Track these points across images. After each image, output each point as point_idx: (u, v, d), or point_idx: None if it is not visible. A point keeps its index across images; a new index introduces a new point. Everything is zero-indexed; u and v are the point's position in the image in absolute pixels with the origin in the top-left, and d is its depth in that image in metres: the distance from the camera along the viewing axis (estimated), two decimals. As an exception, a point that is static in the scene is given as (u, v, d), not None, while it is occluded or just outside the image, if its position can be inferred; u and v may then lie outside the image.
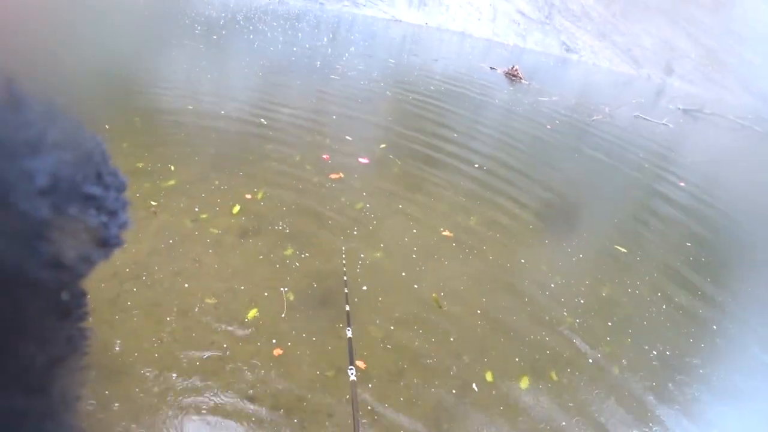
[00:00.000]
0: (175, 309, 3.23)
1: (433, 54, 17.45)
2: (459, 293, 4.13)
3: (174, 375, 2.78)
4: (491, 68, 15.88)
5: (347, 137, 6.88)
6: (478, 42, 21.80)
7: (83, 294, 1.38)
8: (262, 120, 6.83)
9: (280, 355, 3.10)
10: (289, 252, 4.13)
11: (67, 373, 1.34)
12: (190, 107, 6.79)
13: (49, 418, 1.28)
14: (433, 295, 4.00)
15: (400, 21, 22.08)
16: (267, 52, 11.79)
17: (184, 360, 2.89)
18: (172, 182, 4.81)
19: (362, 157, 6.29)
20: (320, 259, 4.12)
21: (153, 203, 4.40)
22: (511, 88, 14.10)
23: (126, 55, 8.54)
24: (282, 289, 3.68)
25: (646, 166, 9.14)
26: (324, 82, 9.86)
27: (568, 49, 22.96)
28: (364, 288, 3.90)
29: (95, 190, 1.24)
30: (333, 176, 5.60)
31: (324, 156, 6.05)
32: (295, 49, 12.88)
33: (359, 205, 5.10)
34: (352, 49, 14.74)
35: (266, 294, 3.60)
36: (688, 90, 22.81)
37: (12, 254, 1.01)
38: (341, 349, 3.21)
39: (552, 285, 4.51)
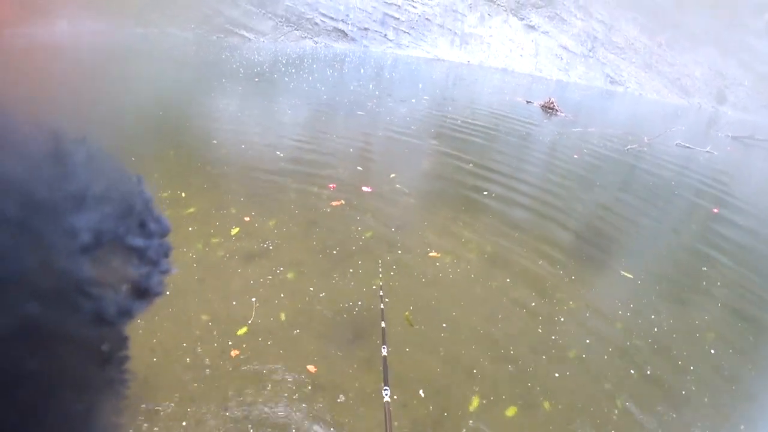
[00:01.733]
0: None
1: (476, 91, 17.87)
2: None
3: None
4: (527, 102, 16.08)
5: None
6: (520, 78, 22.04)
7: (124, 339, 1.32)
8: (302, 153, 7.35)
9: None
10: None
11: (105, 417, 1.26)
12: (243, 146, 7.44)
13: None
14: (405, 313, 4.24)
15: (443, 60, 22.66)
16: (305, 92, 12.52)
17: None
18: (191, 210, 5.34)
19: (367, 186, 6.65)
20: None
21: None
22: (546, 120, 14.23)
23: (178, 98, 9.38)
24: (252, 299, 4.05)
25: (676, 193, 9.06)
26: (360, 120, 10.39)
27: (612, 82, 22.83)
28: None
29: (138, 242, 1.20)
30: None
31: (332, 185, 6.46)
32: (328, 89, 13.56)
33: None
34: (381, 90, 15.28)
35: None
36: (742, 118, 22.14)
37: (52, 314, 0.96)
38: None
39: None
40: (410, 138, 9.61)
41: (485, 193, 7.09)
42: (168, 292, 3.97)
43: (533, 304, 4.59)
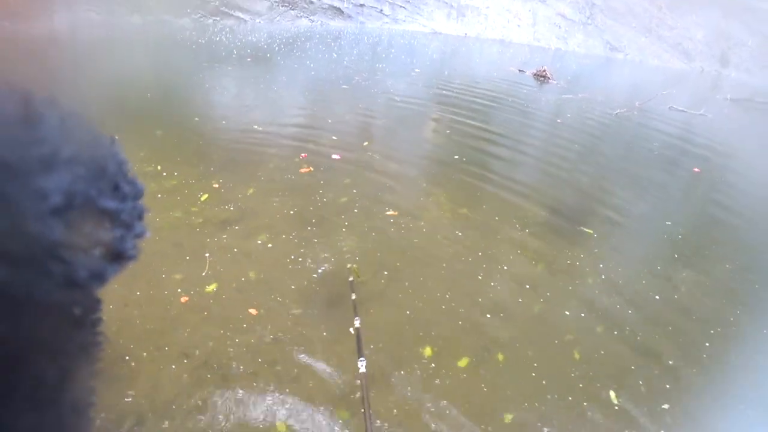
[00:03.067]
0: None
1: (469, 62, 17.88)
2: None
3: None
4: (520, 71, 16.06)
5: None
6: (518, 48, 21.91)
7: (96, 301, 1.34)
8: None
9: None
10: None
11: (80, 382, 1.30)
12: (223, 122, 7.72)
13: (61, 430, 1.25)
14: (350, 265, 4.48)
15: (440, 33, 22.59)
16: (295, 69, 12.69)
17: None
18: (174, 182, 5.61)
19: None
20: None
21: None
22: (536, 89, 14.26)
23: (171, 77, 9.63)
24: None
25: (655, 153, 9.14)
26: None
27: (612, 49, 22.60)
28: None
29: (111, 204, 1.20)
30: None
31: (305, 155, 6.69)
32: (323, 66, 13.70)
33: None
34: (381, 65, 15.37)
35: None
36: (746, 80, 21.79)
37: (22, 278, 0.95)
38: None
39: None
40: (395, 106, 9.79)
41: (456, 157, 7.27)
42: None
43: (499, 266, 4.81)
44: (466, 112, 10.03)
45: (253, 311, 3.79)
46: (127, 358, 3.31)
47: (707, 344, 4.04)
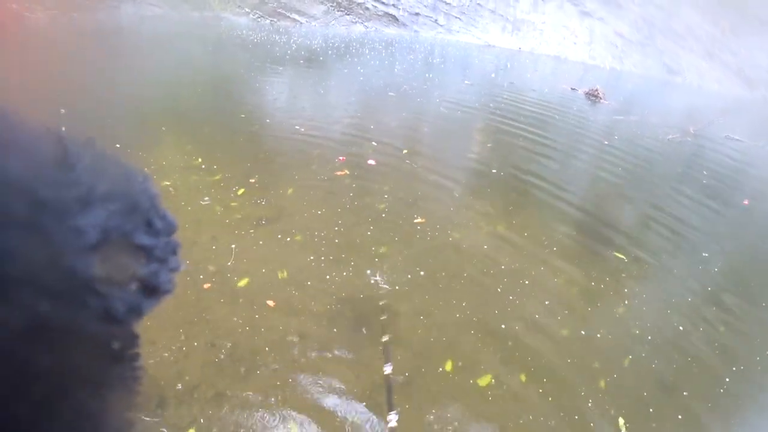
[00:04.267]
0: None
1: (522, 77, 17.75)
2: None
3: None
4: (572, 89, 15.85)
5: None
6: (573, 66, 21.61)
7: (135, 336, 1.30)
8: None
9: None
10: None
11: (119, 414, 1.25)
12: (267, 120, 7.95)
13: None
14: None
15: (494, 46, 22.49)
16: (345, 75, 12.89)
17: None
18: (217, 177, 5.83)
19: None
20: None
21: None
22: (587, 107, 14.03)
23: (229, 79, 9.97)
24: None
25: (704, 182, 8.87)
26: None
27: (670, 71, 22.00)
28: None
29: (145, 239, 1.20)
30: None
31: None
32: (371, 72, 13.86)
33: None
34: (429, 75, 15.43)
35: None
36: (813, 113, 20.86)
37: (62, 311, 0.96)
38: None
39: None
40: (441, 116, 9.84)
41: (494, 171, 7.27)
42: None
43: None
44: (511, 129, 9.99)
45: (271, 303, 3.95)
46: (155, 342, 3.49)
47: (727, 379, 3.95)
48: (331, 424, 3.10)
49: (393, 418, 1.48)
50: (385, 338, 1.93)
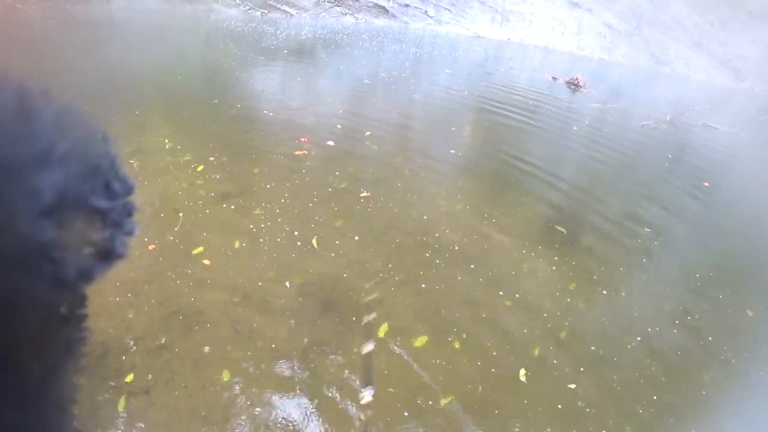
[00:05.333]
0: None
1: (505, 67, 17.95)
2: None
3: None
4: (553, 78, 16.05)
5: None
6: (561, 56, 21.76)
7: (83, 298, 1.33)
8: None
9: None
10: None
11: (64, 378, 1.29)
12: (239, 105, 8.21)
13: (44, 427, 1.22)
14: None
15: (483, 37, 22.66)
16: (327, 63, 13.13)
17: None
18: (188, 157, 6.11)
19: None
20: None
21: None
22: (566, 96, 14.24)
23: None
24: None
25: (666, 166, 9.12)
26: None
27: (658, 62, 22.14)
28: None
29: (102, 202, 1.18)
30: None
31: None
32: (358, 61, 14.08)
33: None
34: (407, 64, 15.62)
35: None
36: (799, 104, 20.99)
37: (10, 277, 0.93)
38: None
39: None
40: (412, 102, 10.08)
41: (453, 151, 7.54)
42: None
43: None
44: (483, 115, 10.23)
45: (222, 269, 4.24)
46: (109, 299, 3.77)
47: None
48: (262, 374, 3.37)
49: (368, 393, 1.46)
50: (370, 317, 1.90)
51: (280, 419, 3.05)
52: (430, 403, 3.29)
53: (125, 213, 1.29)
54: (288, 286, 4.17)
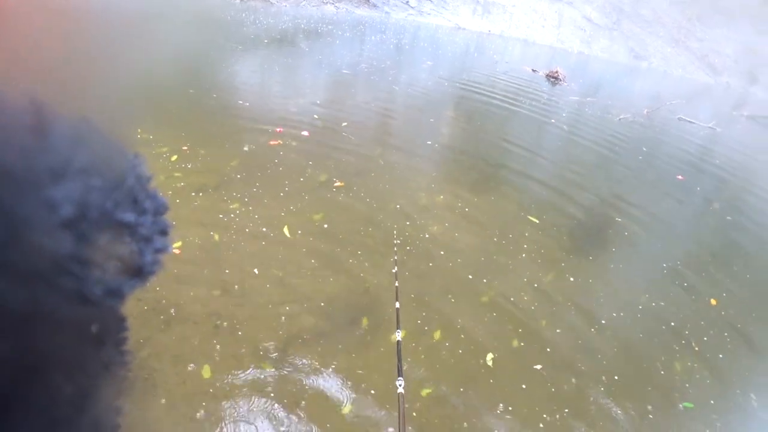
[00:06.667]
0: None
1: (486, 59, 17.98)
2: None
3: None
4: (533, 70, 16.13)
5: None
6: (540, 49, 21.88)
7: (120, 319, 1.29)
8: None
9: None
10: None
11: (102, 401, 1.23)
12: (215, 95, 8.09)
13: None
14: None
15: (464, 29, 22.67)
16: (306, 54, 13.03)
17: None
18: (164, 149, 6.00)
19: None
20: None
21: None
22: (545, 88, 14.33)
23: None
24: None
25: (640, 159, 9.23)
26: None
27: (636, 56, 22.37)
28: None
29: (128, 216, 1.16)
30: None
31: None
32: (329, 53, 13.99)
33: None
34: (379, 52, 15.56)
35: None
36: (774, 100, 21.37)
37: (27, 292, 0.89)
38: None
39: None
40: (391, 93, 10.05)
41: (430, 142, 7.55)
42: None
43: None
44: (453, 102, 10.27)
45: (200, 262, 4.17)
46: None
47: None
48: (242, 368, 3.31)
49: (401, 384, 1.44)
50: (398, 335, 1.83)
51: (258, 412, 3.00)
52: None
53: (156, 229, 1.26)
54: (266, 278, 4.12)
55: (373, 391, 3.22)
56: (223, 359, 3.32)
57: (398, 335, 1.96)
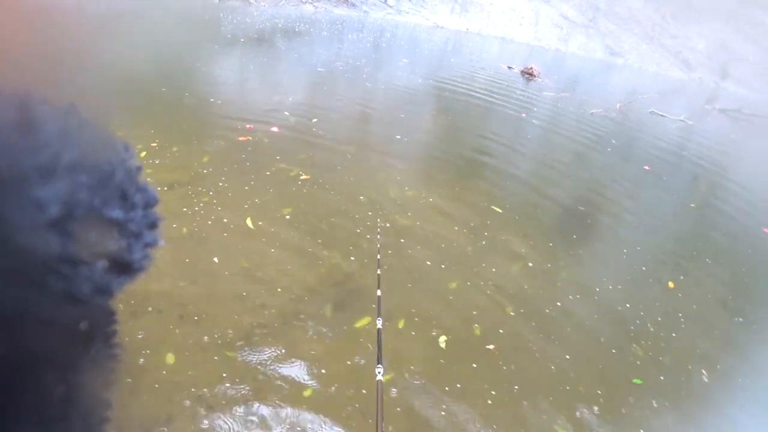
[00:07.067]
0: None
1: (462, 56, 18.16)
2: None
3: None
4: (509, 67, 16.33)
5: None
6: (518, 47, 22.11)
7: (108, 314, 1.27)
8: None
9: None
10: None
11: (91, 395, 1.22)
12: (187, 94, 8.12)
13: None
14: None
15: (442, 27, 22.84)
16: (282, 52, 13.08)
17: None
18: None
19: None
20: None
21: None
22: (520, 84, 14.53)
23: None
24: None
25: (609, 150, 9.44)
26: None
27: (612, 53, 22.70)
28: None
29: (117, 213, 1.14)
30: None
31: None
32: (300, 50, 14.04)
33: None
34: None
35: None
36: (745, 95, 21.78)
37: (13, 293, 0.88)
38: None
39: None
40: (363, 90, 10.16)
41: (399, 137, 7.67)
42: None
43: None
44: (426, 99, 10.40)
45: (168, 255, 4.21)
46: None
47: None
48: (201, 353, 3.34)
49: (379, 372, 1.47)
50: (378, 323, 1.88)
51: (222, 399, 3.05)
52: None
53: (145, 224, 1.24)
54: (232, 269, 4.18)
55: (339, 377, 3.28)
56: (187, 348, 3.34)
57: (379, 323, 1.99)
